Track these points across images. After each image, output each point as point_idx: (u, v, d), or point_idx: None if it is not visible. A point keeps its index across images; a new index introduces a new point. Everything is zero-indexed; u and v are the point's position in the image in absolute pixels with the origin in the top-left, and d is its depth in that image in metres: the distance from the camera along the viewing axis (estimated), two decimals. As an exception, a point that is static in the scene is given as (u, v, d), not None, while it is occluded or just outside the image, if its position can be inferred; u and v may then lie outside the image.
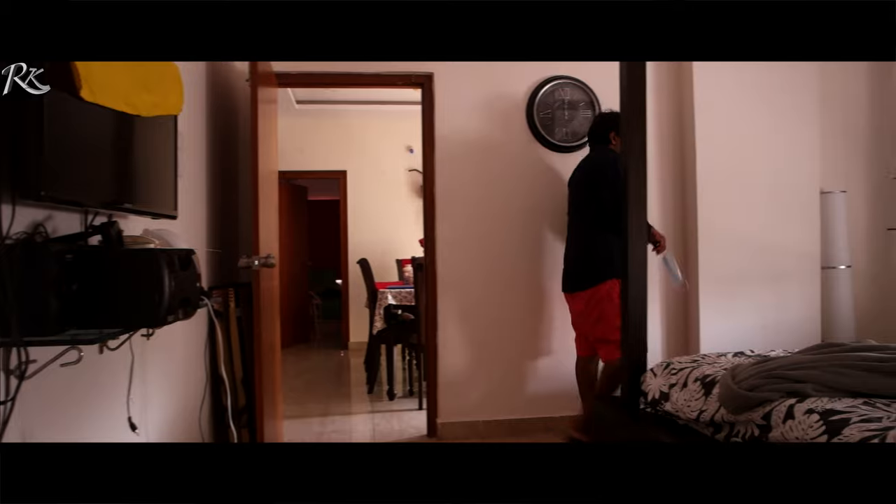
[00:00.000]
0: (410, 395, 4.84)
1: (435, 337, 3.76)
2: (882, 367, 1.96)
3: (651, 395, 2.54)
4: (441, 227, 3.75)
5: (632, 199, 2.72)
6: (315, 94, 6.37)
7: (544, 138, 3.78)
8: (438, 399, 3.76)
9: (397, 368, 5.31)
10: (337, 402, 4.82)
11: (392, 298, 4.81)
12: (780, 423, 1.88)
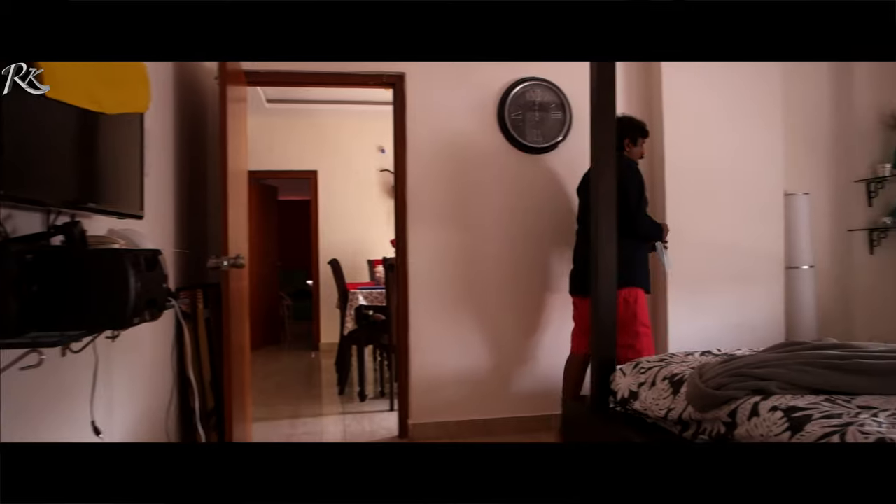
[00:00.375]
0: (382, 397, 4.83)
1: (406, 338, 3.75)
2: (842, 365, 2.01)
3: (620, 395, 2.57)
4: (412, 228, 3.74)
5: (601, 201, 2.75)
6: (285, 92, 6.32)
7: (515, 139, 3.80)
8: (410, 400, 3.75)
9: (368, 369, 5.29)
10: (307, 403, 4.78)
11: (363, 299, 4.79)
12: (746, 421, 1.91)
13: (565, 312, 3.82)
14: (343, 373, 5.12)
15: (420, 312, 3.74)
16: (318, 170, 7.35)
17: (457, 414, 3.76)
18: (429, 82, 3.75)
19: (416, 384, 3.74)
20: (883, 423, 1.64)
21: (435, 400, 3.74)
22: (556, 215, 3.85)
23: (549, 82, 3.86)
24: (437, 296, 3.75)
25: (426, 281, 3.74)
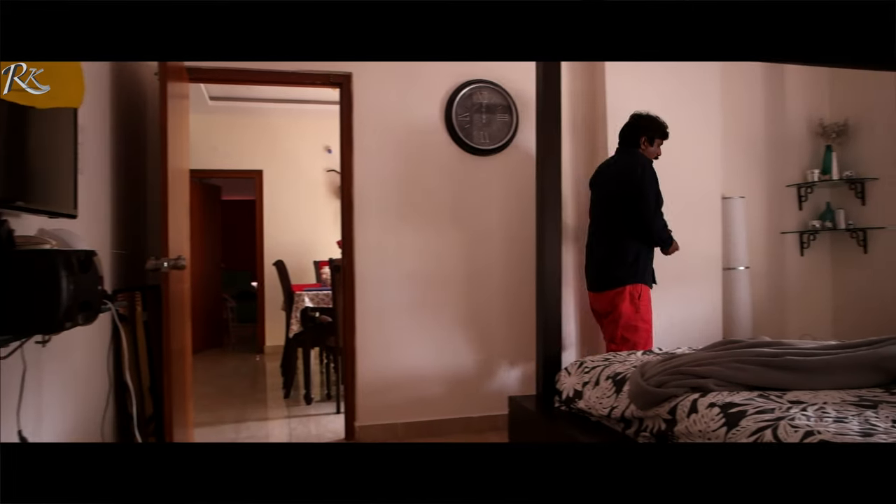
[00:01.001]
0: (328, 399, 4.77)
1: (353, 339, 3.72)
2: (775, 362, 2.10)
3: (565, 394, 2.61)
4: (359, 229, 3.72)
5: (546, 200, 2.79)
6: (229, 90, 6.18)
7: (463, 141, 3.82)
8: (356, 402, 3.72)
9: (315, 372, 5.21)
10: (252, 407, 4.68)
11: (309, 301, 4.72)
12: (685, 417, 1.97)
13: (512, 313, 3.86)
14: (288, 376, 5.04)
15: (367, 314, 3.71)
16: (263, 169, 7.22)
17: (404, 416, 3.75)
18: (376, 83, 3.73)
19: (363, 386, 3.71)
20: (811, 416, 1.71)
21: (382, 402, 3.72)
22: (503, 217, 3.88)
23: (497, 85, 3.89)
24: (384, 297, 3.73)
25: (373, 282, 3.72)
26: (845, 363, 2.09)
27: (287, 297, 5.17)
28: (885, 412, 1.76)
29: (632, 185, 3.30)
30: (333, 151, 7.03)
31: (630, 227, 3.33)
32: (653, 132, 3.44)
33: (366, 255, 3.71)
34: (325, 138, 7.16)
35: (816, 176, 4.33)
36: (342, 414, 3.99)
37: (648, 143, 3.44)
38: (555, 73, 2.79)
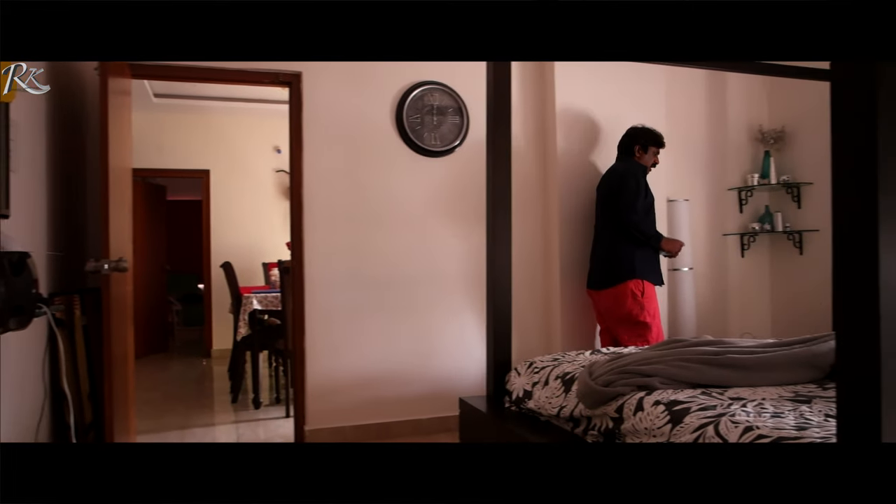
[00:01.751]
0: (277, 403, 4.70)
1: (302, 342, 3.67)
2: (716, 360, 2.16)
3: (515, 394, 2.64)
4: (309, 230, 3.67)
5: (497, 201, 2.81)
6: (175, 87, 6.02)
7: (413, 142, 3.82)
8: (306, 405, 3.67)
9: (263, 376, 5.13)
10: (198, 413, 4.57)
11: (257, 303, 4.64)
12: (632, 416, 2.01)
13: (462, 313, 3.88)
14: (236, 380, 4.95)
15: (316, 316, 3.67)
16: (210, 169, 7.06)
17: (354, 418, 3.72)
18: (327, 82, 3.70)
19: (313, 389, 3.67)
20: (751, 412, 1.77)
21: (332, 405, 3.68)
22: (454, 218, 3.89)
23: (447, 87, 3.90)
24: (334, 299, 3.70)
25: (323, 284, 3.68)
26: (782, 360, 2.17)
27: (235, 300, 5.08)
28: (819, 407, 1.83)
29: (616, 187, 3.62)
30: (283, 152, 6.93)
31: (617, 227, 3.60)
32: (645, 141, 3.73)
33: (315, 256, 3.67)
34: (274, 138, 7.05)
35: (756, 180, 4.49)
36: (291, 418, 3.94)
37: (642, 150, 3.72)
38: (505, 74, 2.82)
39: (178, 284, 9.21)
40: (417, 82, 3.83)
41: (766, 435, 1.57)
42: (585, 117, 4.03)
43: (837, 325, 1.29)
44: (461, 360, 3.88)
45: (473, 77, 3.77)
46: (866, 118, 1.22)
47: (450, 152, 3.90)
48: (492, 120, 2.81)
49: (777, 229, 4.48)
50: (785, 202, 4.53)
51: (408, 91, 3.81)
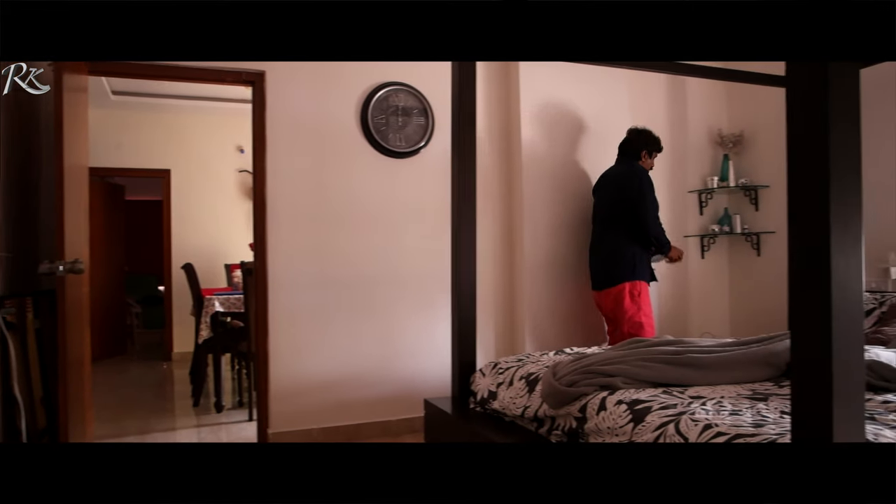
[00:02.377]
0: (240, 407, 4.63)
1: (266, 344, 3.62)
2: (676, 360, 2.20)
3: (480, 395, 2.64)
4: (272, 231, 3.62)
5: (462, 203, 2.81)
6: (134, 85, 5.89)
7: (378, 143, 3.80)
8: (270, 408, 3.62)
9: (226, 379, 5.05)
10: (158, 417, 4.47)
11: (220, 305, 4.57)
12: (595, 415, 2.03)
13: (427, 316, 3.87)
14: (198, 383, 4.86)
15: (280, 318, 3.62)
16: (170, 169, 6.92)
17: (320, 421, 3.68)
18: (291, 82, 3.66)
19: (277, 392, 3.62)
20: (710, 410, 1.80)
21: (297, 407, 3.64)
22: (419, 219, 3.89)
23: (413, 88, 3.89)
24: (298, 301, 3.66)
25: (287, 285, 3.64)
26: (740, 359, 2.23)
27: (196, 302, 4.99)
28: (775, 404, 1.88)
29: (633, 191, 3.68)
30: (246, 151, 6.84)
31: (630, 230, 3.70)
32: (652, 146, 3.88)
33: (279, 257, 3.63)
34: (237, 137, 6.95)
35: (715, 183, 4.58)
36: (255, 421, 3.88)
37: (648, 155, 3.88)
38: (470, 75, 2.82)
39: (137, 286, 9.01)
40: (382, 83, 3.82)
41: (724, 432, 1.60)
42: (550, 117, 4.06)
43: (792, 324, 1.32)
44: (427, 362, 3.88)
45: (439, 78, 3.77)
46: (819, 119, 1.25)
47: (415, 153, 3.90)
48: (457, 121, 2.82)
49: (736, 231, 4.58)
50: (743, 204, 4.64)
51: (373, 91, 3.80)
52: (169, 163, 6.90)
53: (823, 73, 1.24)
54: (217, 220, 7.01)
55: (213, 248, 6.88)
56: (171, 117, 6.77)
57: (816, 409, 1.26)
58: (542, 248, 4.03)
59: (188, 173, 6.94)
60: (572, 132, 4.11)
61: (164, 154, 6.86)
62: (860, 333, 1.26)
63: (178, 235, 6.91)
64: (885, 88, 3.71)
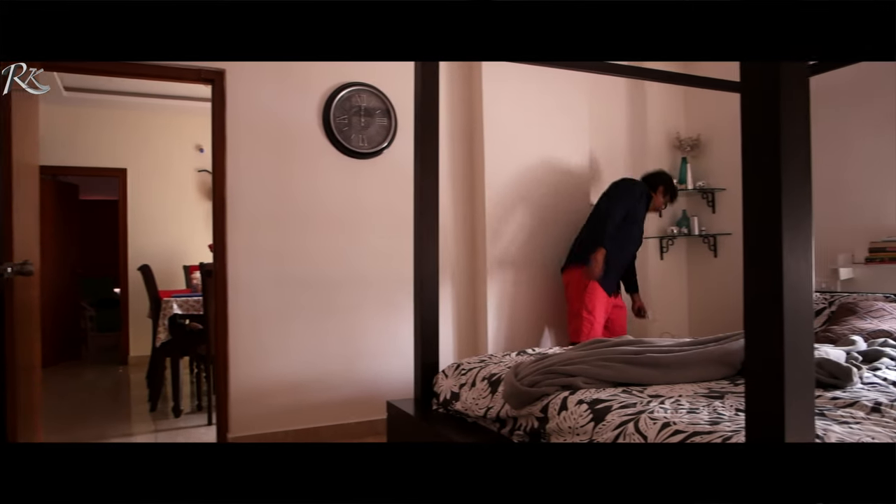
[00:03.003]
0: (199, 411, 4.54)
1: (226, 347, 3.56)
2: (636, 360, 2.23)
3: (443, 396, 2.64)
4: (233, 232, 3.57)
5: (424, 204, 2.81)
6: (87, 80, 5.73)
7: (341, 144, 3.77)
8: (230, 412, 3.56)
9: (184, 382, 4.95)
10: (113, 424, 4.36)
11: (178, 307, 4.47)
12: (556, 415, 2.05)
13: (390, 317, 3.86)
14: (155, 387, 4.75)
15: (240, 320, 3.57)
16: (127, 168, 6.75)
17: (281, 424, 3.63)
18: (251, 81, 3.60)
19: (237, 396, 3.56)
20: (668, 409, 1.84)
21: (257, 411, 3.59)
22: (382, 220, 3.87)
23: (375, 88, 3.87)
24: (259, 302, 3.61)
25: (247, 287, 3.58)
26: (697, 359, 2.27)
27: (154, 304, 4.88)
28: (730, 402, 1.92)
29: (611, 196, 3.90)
30: (206, 151, 6.72)
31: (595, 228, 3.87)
32: (670, 190, 4.07)
33: (239, 258, 3.57)
34: (196, 136, 6.83)
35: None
36: (214, 425, 3.81)
37: (663, 194, 4.05)
38: (433, 76, 2.82)
39: (91, 289, 8.77)
40: (345, 83, 3.79)
41: (681, 430, 1.63)
42: (513, 118, 4.09)
43: (746, 324, 1.36)
44: (390, 363, 3.86)
45: (402, 79, 3.77)
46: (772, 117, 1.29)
47: (377, 154, 3.88)
48: (420, 122, 2.81)
49: (693, 233, 4.68)
50: (701, 207, 4.74)
51: (335, 91, 3.77)
52: (125, 161, 6.73)
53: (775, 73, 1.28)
54: (175, 221, 6.87)
55: (172, 250, 6.74)
56: (128, 115, 6.62)
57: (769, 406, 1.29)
58: (505, 250, 4.05)
59: (145, 172, 6.79)
60: (534, 135, 4.14)
61: (121, 152, 6.70)
62: (810, 332, 1.30)
63: (135, 236, 6.75)
64: (826, 94, 3.83)
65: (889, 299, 3.42)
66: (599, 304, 3.82)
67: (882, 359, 2.49)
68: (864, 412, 1.82)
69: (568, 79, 4.19)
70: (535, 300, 4.14)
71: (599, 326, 3.84)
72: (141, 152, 6.76)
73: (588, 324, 3.79)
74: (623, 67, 3.67)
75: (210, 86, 3.62)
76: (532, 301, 4.13)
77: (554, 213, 4.19)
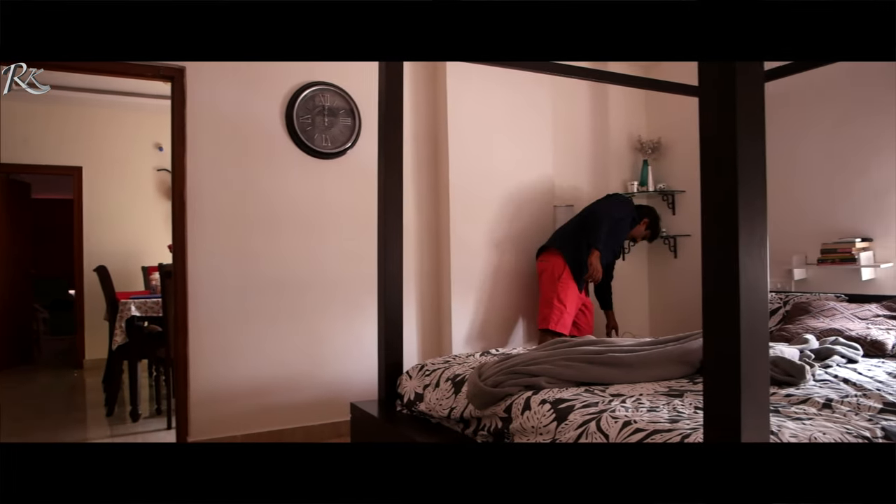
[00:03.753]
0: (158, 415, 4.45)
1: (185, 349, 3.49)
2: (598, 359, 2.26)
3: (407, 397, 2.64)
4: (193, 232, 3.50)
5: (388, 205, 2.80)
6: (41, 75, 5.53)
7: (304, 143, 3.73)
8: (190, 416, 3.49)
9: (143, 386, 4.85)
10: (68, 429, 4.24)
11: (136, 309, 4.37)
12: (520, 415, 2.06)
13: (354, 318, 3.84)
14: (112, 391, 4.63)
15: (201, 322, 3.50)
16: (82, 166, 6.57)
17: (243, 427, 3.58)
18: (213, 79, 3.54)
19: (198, 399, 3.50)
20: (629, 407, 1.87)
21: (218, 414, 3.53)
22: (346, 221, 3.84)
23: (339, 88, 3.85)
24: (220, 304, 3.55)
25: (208, 288, 3.52)
26: (657, 358, 2.31)
27: (110, 306, 4.76)
28: (689, 400, 1.96)
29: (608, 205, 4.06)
30: (165, 149, 6.58)
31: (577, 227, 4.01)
32: (654, 225, 4.23)
33: (201, 259, 3.51)
34: (155, 135, 6.68)
35: (636, 187, 4.75)
36: (174, 429, 3.74)
37: (646, 227, 4.21)
38: (397, 76, 2.82)
39: (45, 290, 8.52)
40: (308, 82, 3.76)
41: (642, 428, 1.66)
42: (478, 118, 4.10)
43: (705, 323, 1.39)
44: (354, 365, 3.84)
45: (366, 79, 3.75)
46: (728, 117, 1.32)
47: (341, 154, 3.85)
48: (384, 122, 2.80)
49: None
50: (661, 208, 4.82)
51: (298, 91, 3.73)
52: (80, 160, 6.55)
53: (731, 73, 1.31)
54: (133, 221, 6.71)
55: (130, 250, 6.59)
56: (84, 111, 6.44)
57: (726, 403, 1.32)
58: (469, 251, 4.06)
59: (102, 171, 6.61)
60: (498, 135, 4.17)
61: (76, 150, 6.51)
62: (765, 331, 1.33)
63: (91, 236, 6.57)
64: (779, 101, 3.94)
65: (840, 299, 3.53)
66: (572, 295, 3.89)
67: (833, 356, 2.57)
68: (816, 408, 1.88)
69: (532, 81, 4.22)
70: (499, 301, 4.16)
71: (569, 318, 3.90)
72: (97, 150, 6.58)
73: (559, 312, 3.86)
74: (585, 70, 3.71)
75: (170, 83, 3.55)
76: (496, 302, 4.15)
77: (518, 213, 4.22)
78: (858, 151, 3.68)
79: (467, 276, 4.06)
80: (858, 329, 3.08)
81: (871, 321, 3.16)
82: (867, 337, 2.98)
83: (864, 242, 3.60)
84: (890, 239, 3.55)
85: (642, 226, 4.21)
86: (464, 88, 4.06)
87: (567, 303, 3.87)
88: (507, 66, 3.75)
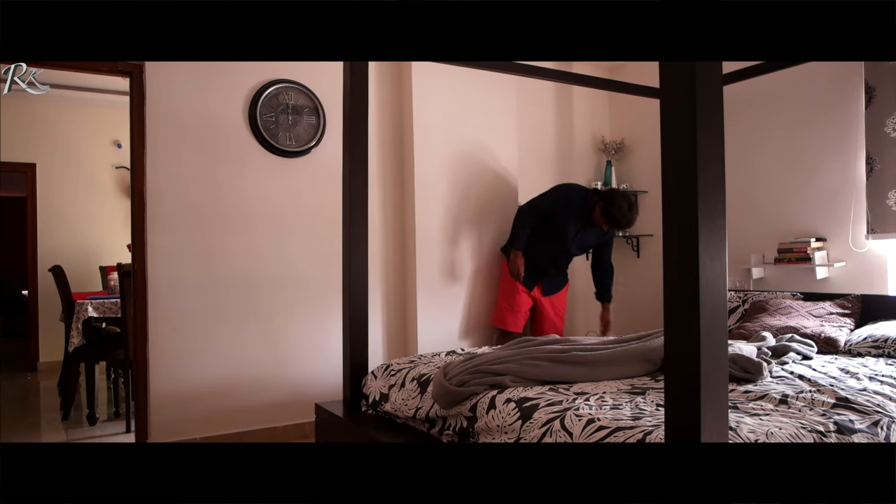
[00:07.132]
0: (117, 418, 4.34)
1: (145, 351, 3.41)
2: (562, 358, 2.28)
3: (372, 397, 2.63)
4: (153, 231, 3.42)
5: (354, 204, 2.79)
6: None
7: (268, 142, 3.68)
8: (150, 419, 3.42)
9: (100, 389, 4.73)
10: (21, 434, 4.10)
11: (93, 310, 4.25)
12: (485, 414, 2.07)
13: (318, 317, 3.80)
14: (68, 394, 4.50)
15: (161, 323, 3.43)
16: (36, 163, 6.38)
17: (205, 430, 3.52)
18: (173, 75, 3.47)
19: (158, 401, 3.42)
20: (593, 405, 1.89)
21: (179, 417, 3.46)
22: (311, 220, 3.80)
23: (304, 86, 3.81)
24: (181, 304, 3.48)
25: (169, 289, 3.45)
26: (620, 356, 2.34)
27: (66, 307, 4.63)
28: (651, 397, 1.99)
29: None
30: (124, 146, 6.43)
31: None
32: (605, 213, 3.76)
33: (161, 259, 3.43)
34: (113, 131, 6.52)
35: (599, 187, 4.80)
36: (133, 433, 3.65)
37: (601, 213, 3.78)
38: (363, 75, 2.80)
39: (-3, 291, 8.26)
40: (272, 80, 3.71)
41: (605, 426, 1.68)
42: (443, 118, 4.10)
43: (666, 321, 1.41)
44: (319, 365, 3.80)
45: (331, 76, 3.72)
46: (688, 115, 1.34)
47: (306, 153, 3.81)
48: (349, 121, 2.78)
49: (618, 234, 4.82)
50: (624, 209, 4.89)
51: (262, 88, 3.68)
52: (34, 156, 6.36)
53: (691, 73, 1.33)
54: (91, 220, 6.54)
55: (87, 250, 6.42)
56: (37, 107, 6.24)
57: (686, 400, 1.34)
58: (434, 251, 4.06)
59: (57, 168, 6.43)
60: (464, 135, 4.17)
61: (29, 146, 6.31)
62: (724, 328, 1.36)
63: (46, 236, 6.39)
64: (737, 104, 4.04)
65: (796, 297, 3.63)
66: (519, 296, 3.99)
67: (789, 353, 2.64)
68: (772, 404, 1.93)
69: (498, 81, 4.24)
70: (464, 301, 4.17)
71: (522, 317, 3.99)
72: (52, 146, 6.40)
73: (511, 314, 3.98)
74: (549, 71, 3.74)
75: (128, 79, 3.47)
76: (462, 301, 4.16)
77: (483, 212, 4.24)
78: (812, 153, 3.79)
79: (433, 276, 4.05)
80: (813, 326, 3.17)
81: (825, 319, 3.25)
82: (821, 334, 3.07)
83: (819, 242, 3.71)
84: (842, 239, 3.66)
85: (597, 212, 3.80)
86: (429, 87, 4.05)
87: (513, 301, 3.98)
88: (472, 66, 3.76)
